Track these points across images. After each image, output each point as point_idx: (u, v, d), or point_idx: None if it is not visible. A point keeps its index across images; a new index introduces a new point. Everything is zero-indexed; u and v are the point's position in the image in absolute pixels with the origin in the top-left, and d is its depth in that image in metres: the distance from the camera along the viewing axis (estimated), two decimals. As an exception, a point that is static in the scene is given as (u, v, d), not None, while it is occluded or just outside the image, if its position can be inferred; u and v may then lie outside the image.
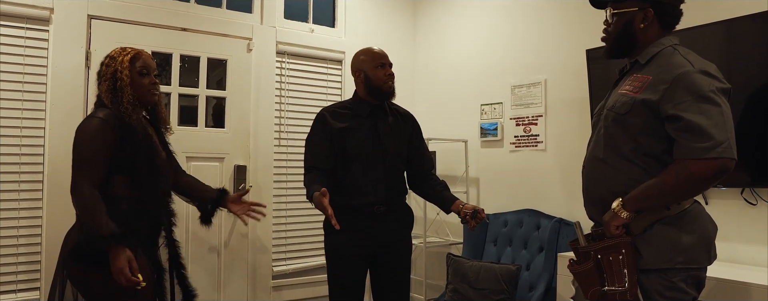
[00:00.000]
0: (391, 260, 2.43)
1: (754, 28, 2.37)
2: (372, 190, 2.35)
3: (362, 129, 2.39)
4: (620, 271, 1.52)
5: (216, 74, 3.47)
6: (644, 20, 1.63)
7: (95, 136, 1.91)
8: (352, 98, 2.50)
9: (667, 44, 1.62)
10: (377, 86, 2.38)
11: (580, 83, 3.12)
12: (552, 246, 3.04)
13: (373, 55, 2.42)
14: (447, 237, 3.89)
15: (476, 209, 2.27)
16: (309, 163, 2.43)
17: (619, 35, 1.66)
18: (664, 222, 1.54)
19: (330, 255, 2.41)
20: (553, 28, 3.35)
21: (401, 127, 2.51)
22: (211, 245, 3.33)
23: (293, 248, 3.69)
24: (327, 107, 2.49)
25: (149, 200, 2.02)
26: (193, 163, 3.28)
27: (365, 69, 2.40)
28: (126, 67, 2.01)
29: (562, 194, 3.28)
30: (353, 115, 2.42)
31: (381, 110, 2.45)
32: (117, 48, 2.11)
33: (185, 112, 3.34)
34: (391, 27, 4.18)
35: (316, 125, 2.45)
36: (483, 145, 3.78)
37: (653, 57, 1.61)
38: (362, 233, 2.33)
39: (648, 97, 1.53)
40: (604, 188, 1.65)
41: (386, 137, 2.41)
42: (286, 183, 3.65)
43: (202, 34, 3.35)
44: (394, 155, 2.43)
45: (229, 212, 2.50)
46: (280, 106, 3.65)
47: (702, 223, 1.59)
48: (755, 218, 2.45)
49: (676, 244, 1.53)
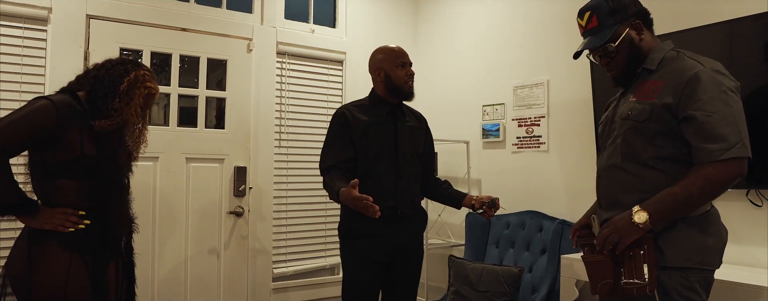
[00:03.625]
0: (406, 264, 2.38)
1: (754, 29, 2.36)
2: (393, 192, 2.30)
3: (383, 129, 2.34)
4: (640, 265, 1.50)
5: (216, 75, 3.45)
6: (639, 33, 1.65)
7: (36, 113, 1.73)
8: (370, 97, 2.43)
9: (668, 49, 1.66)
10: (398, 86, 2.34)
11: (583, 84, 3.10)
12: (555, 248, 3.02)
13: (394, 54, 2.37)
14: (448, 239, 3.86)
15: (492, 198, 2.26)
16: (327, 163, 2.30)
17: (629, 58, 1.66)
18: (687, 222, 1.55)
19: (349, 261, 2.33)
20: (556, 28, 3.33)
21: (419, 128, 2.48)
22: (210, 246, 3.30)
23: (294, 249, 3.66)
24: (345, 106, 2.43)
25: (104, 206, 1.85)
26: (193, 164, 3.25)
27: (386, 68, 2.34)
28: (139, 104, 1.89)
29: (565, 196, 3.26)
30: (373, 114, 2.36)
31: (399, 110, 2.41)
32: (144, 72, 1.93)
33: (185, 113, 3.31)
34: (393, 27, 4.16)
35: (335, 125, 2.35)
36: (485, 147, 3.75)
37: (660, 62, 1.63)
38: (383, 238, 2.26)
39: (666, 100, 1.54)
40: (622, 194, 1.64)
41: (406, 138, 2.38)
42: (287, 184, 3.62)
43: (201, 34, 3.32)
44: (414, 156, 2.40)
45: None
46: (281, 107, 3.62)
47: (719, 226, 1.61)
48: (760, 219, 2.43)
49: (698, 244, 1.54)
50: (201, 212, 3.27)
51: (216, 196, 3.33)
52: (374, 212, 1.92)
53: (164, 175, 3.16)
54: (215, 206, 3.33)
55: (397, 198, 2.30)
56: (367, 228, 2.23)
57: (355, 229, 2.29)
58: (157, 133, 3.13)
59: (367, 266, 2.28)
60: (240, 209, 3.38)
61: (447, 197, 2.50)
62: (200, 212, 3.27)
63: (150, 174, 3.12)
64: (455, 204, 2.47)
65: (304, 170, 3.67)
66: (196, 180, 3.26)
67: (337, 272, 3.79)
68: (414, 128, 2.45)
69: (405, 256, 2.36)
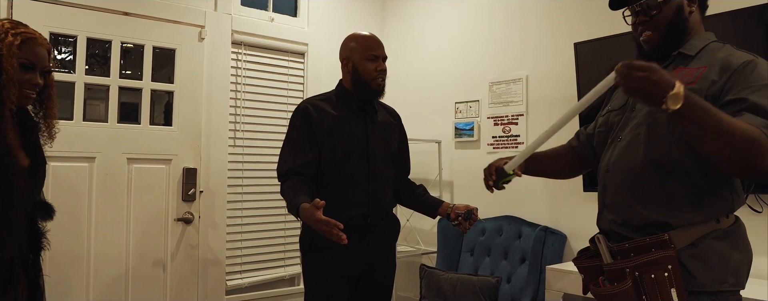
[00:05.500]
0: (377, 278, 2.13)
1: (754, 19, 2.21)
2: (364, 199, 2.03)
3: (352, 127, 2.07)
4: (666, 291, 1.26)
5: (163, 65, 3.09)
6: (691, 4, 1.42)
7: None
8: (337, 90, 2.15)
9: (712, 39, 1.43)
10: (365, 81, 2.05)
11: (566, 80, 2.89)
12: (537, 257, 2.80)
13: (366, 44, 2.08)
14: (418, 245, 3.61)
15: (469, 208, 2.02)
16: (287, 166, 2.01)
17: (671, 23, 1.40)
18: (715, 236, 1.31)
19: (313, 277, 2.06)
20: (537, 20, 3.11)
21: (391, 124, 2.21)
22: (155, 258, 2.95)
23: (250, 259, 3.34)
24: (308, 100, 2.14)
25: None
26: (136, 165, 2.90)
27: (354, 59, 2.06)
28: (14, 54, 1.46)
29: (545, 200, 3.04)
30: (340, 109, 2.08)
31: (370, 106, 2.13)
32: (4, 20, 1.55)
33: (126, 108, 2.96)
34: (358, 17, 3.87)
35: (297, 122, 2.07)
36: (457, 147, 3.51)
37: (701, 50, 1.40)
38: (351, 251, 1.93)
39: (710, 86, 1.29)
40: (644, 198, 1.38)
41: (378, 137, 2.11)
42: (242, 187, 3.29)
43: (147, 19, 2.96)
44: (386, 158, 2.13)
45: None
46: (236, 102, 3.30)
47: (746, 240, 1.39)
48: (760, 225, 2.25)
49: (730, 263, 1.31)
50: (144, 220, 2.92)
51: (162, 201, 2.98)
52: (340, 239, 1.66)
53: (102, 178, 2.80)
54: (161, 213, 2.98)
55: (369, 205, 2.04)
56: (330, 240, 1.95)
57: (319, 240, 1.99)
58: (93, 130, 2.79)
59: (333, 282, 2.01)
60: (189, 216, 3.04)
61: (422, 204, 2.25)
62: (143, 219, 2.92)
63: (84, 177, 2.75)
64: (430, 213, 2.22)
65: (262, 171, 3.35)
66: (139, 183, 2.90)
67: (297, 283, 3.49)
68: (386, 125, 2.18)
69: (375, 269, 2.11)
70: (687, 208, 1.32)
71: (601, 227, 1.51)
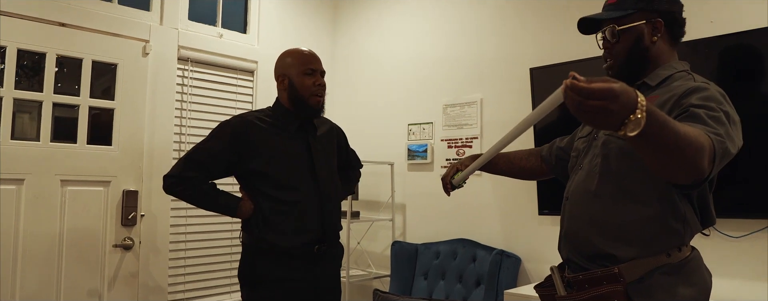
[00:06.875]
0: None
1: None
2: (310, 225, 1.93)
3: (293, 149, 1.97)
4: None
5: (102, 81, 2.90)
6: (655, 33, 1.39)
7: None
8: (274, 107, 2.06)
9: (680, 69, 1.40)
10: (302, 97, 1.97)
11: (521, 104, 2.91)
12: (493, 282, 2.77)
13: (301, 59, 2.01)
14: (369, 269, 3.52)
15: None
16: (191, 172, 1.91)
17: (630, 52, 1.39)
18: (663, 271, 1.29)
19: None
20: (493, 44, 3.13)
21: (331, 143, 2.13)
22: (91, 287, 2.72)
23: (194, 286, 3.15)
24: (246, 116, 2.02)
25: None
26: (70, 187, 2.68)
27: (291, 74, 1.99)
28: None
29: (500, 224, 3.04)
30: (279, 129, 1.98)
31: (310, 125, 2.05)
32: None
33: (61, 125, 2.74)
34: (311, 34, 3.79)
35: (224, 132, 1.95)
36: (410, 169, 3.47)
37: (665, 80, 1.38)
38: (298, 283, 1.86)
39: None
40: (595, 228, 1.37)
41: (321, 160, 2.02)
42: (186, 211, 3.11)
43: (86, 31, 2.77)
44: (331, 179, 2.04)
45: None
46: (181, 121, 3.13)
47: (702, 273, 1.37)
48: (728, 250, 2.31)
49: (676, 299, 1.28)
50: (79, 246, 2.70)
51: (98, 226, 2.77)
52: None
53: (32, 201, 2.57)
54: (97, 239, 2.76)
55: (324, 232, 1.95)
56: (277, 272, 1.86)
57: (262, 274, 1.90)
58: (22, 149, 2.57)
59: None
60: (129, 241, 2.83)
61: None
62: (78, 246, 2.69)
63: (12, 200, 2.52)
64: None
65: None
66: (74, 207, 2.69)
67: (244, 311, 3.31)
68: (328, 145, 2.09)
69: (322, 300, 2.00)
70: (637, 241, 1.31)
71: (561, 254, 1.50)
